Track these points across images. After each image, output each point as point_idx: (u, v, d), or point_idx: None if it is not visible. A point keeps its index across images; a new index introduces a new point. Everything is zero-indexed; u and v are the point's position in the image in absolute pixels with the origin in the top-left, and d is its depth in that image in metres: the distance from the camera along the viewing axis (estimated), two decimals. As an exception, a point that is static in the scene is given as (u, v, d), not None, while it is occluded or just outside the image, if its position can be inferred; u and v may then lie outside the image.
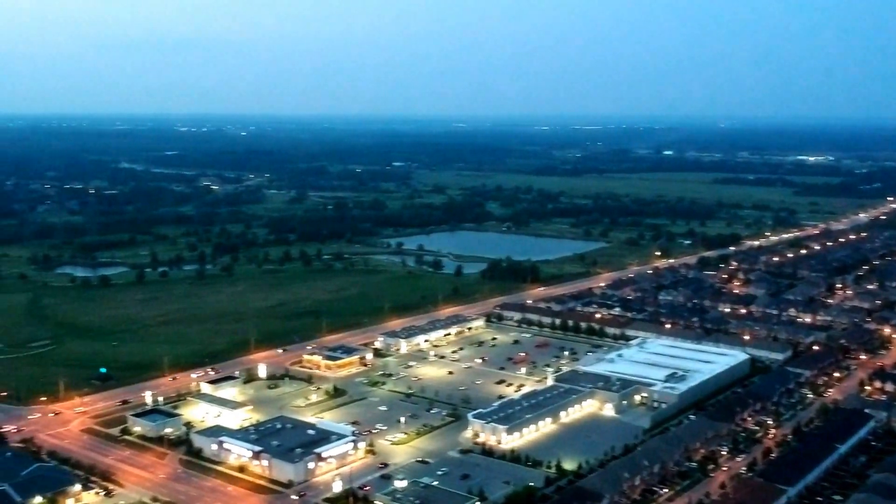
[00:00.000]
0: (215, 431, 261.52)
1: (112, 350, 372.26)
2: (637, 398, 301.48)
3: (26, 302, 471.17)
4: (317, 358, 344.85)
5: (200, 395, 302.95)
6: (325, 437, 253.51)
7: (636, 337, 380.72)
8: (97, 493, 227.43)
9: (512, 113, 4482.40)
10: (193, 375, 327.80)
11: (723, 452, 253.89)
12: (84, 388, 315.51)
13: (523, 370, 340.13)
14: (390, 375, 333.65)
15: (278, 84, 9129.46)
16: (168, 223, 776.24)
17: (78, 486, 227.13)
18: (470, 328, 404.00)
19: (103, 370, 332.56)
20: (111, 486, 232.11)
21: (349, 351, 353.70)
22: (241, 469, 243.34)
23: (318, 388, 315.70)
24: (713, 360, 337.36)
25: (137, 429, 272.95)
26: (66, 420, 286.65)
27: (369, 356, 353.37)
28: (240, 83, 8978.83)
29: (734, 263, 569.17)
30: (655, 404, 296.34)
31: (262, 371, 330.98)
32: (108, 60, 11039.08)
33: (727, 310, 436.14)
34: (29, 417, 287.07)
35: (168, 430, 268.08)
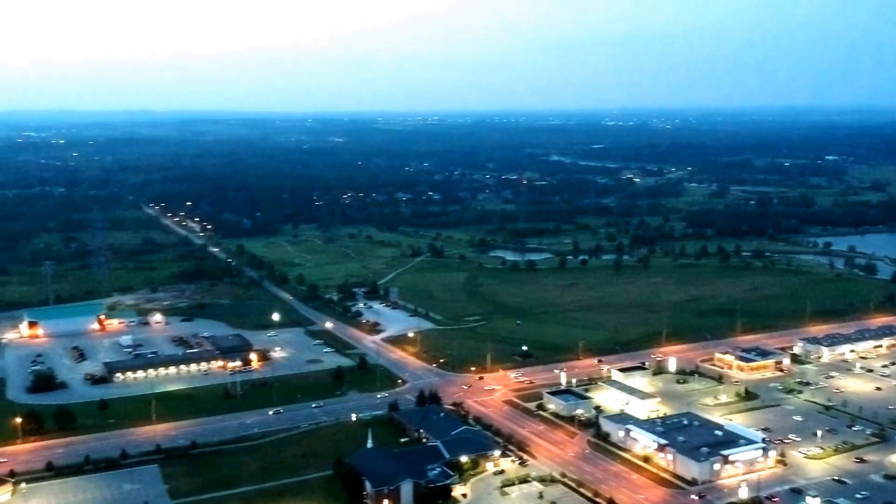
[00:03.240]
0: (623, 419, 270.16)
1: (523, 329, 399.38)
2: None
3: (464, 280, 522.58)
4: (729, 358, 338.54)
5: (610, 382, 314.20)
6: (732, 439, 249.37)
7: None
8: (513, 461, 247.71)
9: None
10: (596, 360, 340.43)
11: None
12: (507, 362, 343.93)
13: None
14: (808, 384, 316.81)
15: (704, 77, 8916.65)
16: (590, 213, 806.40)
17: (497, 452, 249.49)
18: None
19: (525, 347, 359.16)
20: (525, 457, 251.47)
21: (764, 354, 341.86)
22: (646, 459, 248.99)
23: (729, 389, 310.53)
24: None
25: (551, 406, 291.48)
26: (491, 390, 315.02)
27: (786, 361, 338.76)
28: (666, 77, 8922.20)
29: None
30: None
31: (672, 365, 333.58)
32: (545, 60, 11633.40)
33: None
34: (460, 383, 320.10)
35: (579, 412, 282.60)
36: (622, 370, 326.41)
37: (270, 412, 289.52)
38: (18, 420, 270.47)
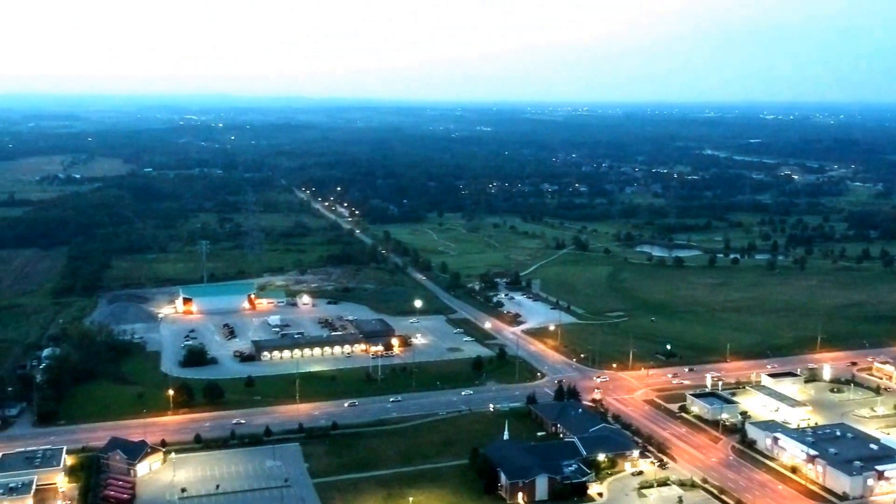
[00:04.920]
0: (771, 426, 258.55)
1: (668, 328, 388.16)
2: None
3: (607, 275, 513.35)
4: (889, 368, 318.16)
5: (759, 387, 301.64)
6: (889, 454, 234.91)
7: None
8: (652, 463, 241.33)
9: None
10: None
11: None
12: (650, 360, 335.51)
13: None
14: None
15: (873, 71, 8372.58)
16: (744, 211, 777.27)
17: (636, 452, 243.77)
18: None
19: (668, 346, 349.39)
20: (665, 459, 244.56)
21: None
22: (794, 470, 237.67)
23: (888, 401, 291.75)
24: None
25: (695, 409, 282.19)
26: (631, 388, 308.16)
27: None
28: (831, 71, 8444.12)
29: None
30: None
31: (827, 373, 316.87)
32: (701, 50, 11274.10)
33: None
34: (599, 380, 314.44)
35: (724, 416, 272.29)
36: (772, 375, 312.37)
37: (345, 404, 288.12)
38: (171, 392, 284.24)
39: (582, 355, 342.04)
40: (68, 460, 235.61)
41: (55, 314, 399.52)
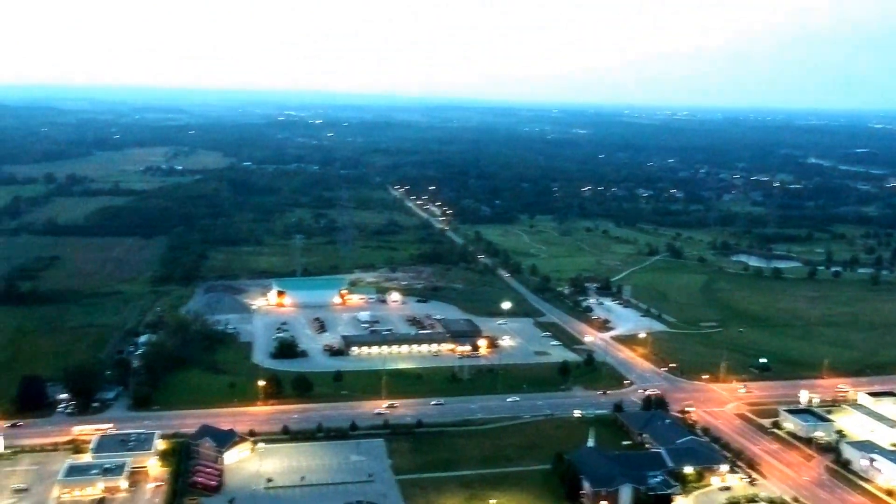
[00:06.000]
0: (867, 447, 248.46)
1: (762, 341, 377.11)
2: None
3: (701, 283, 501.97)
4: None
5: (856, 406, 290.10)
6: None
7: None
8: (741, 479, 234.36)
9: None
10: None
11: None
12: (743, 374, 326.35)
13: None
14: None
15: None
16: (848, 222, 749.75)
17: (725, 467, 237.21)
18: None
19: (763, 360, 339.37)
20: (755, 475, 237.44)
21: None
22: (890, 493, 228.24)
23: None
24: None
25: (788, 425, 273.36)
26: (723, 401, 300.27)
27: None
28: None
29: None
30: None
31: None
32: (808, 55, 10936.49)
33: None
34: (689, 391, 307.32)
35: (818, 434, 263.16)
36: (871, 394, 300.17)
37: (384, 405, 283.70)
38: (261, 383, 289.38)
39: (671, 365, 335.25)
40: (160, 445, 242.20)
41: (153, 302, 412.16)
